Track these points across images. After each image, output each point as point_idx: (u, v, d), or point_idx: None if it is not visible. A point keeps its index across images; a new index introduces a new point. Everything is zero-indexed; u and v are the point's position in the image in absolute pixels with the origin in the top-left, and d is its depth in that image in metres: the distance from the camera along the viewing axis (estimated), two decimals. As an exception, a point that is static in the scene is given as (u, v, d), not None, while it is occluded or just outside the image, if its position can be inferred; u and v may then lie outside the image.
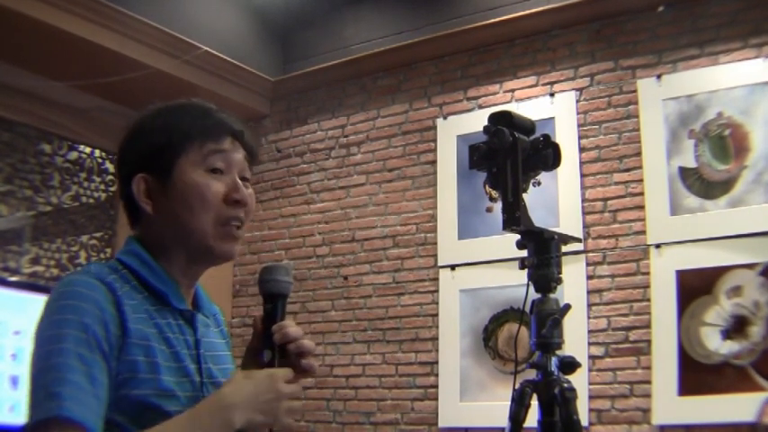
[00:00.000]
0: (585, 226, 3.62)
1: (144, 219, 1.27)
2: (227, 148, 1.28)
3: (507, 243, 2.08)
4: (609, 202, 3.60)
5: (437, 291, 3.97)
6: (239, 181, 1.28)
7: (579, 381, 1.92)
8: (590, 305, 3.54)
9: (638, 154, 3.56)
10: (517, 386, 1.86)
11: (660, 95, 3.55)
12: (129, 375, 1.12)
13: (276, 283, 1.20)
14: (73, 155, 4.53)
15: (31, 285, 3.70)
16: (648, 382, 3.35)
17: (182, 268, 1.27)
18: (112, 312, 1.13)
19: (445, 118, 4.12)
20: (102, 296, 1.14)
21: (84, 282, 1.15)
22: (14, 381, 3.05)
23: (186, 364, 1.21)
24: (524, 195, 1.86)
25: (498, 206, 1.89)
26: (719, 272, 3.29)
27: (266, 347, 1.17)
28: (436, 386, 3.87)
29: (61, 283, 1.17)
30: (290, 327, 1.21)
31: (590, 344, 3.49)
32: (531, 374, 1.85)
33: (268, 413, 1.14)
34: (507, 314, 3.75)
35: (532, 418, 1.85)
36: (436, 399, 3.86)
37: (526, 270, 1.86)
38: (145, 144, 1.27)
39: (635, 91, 3.62)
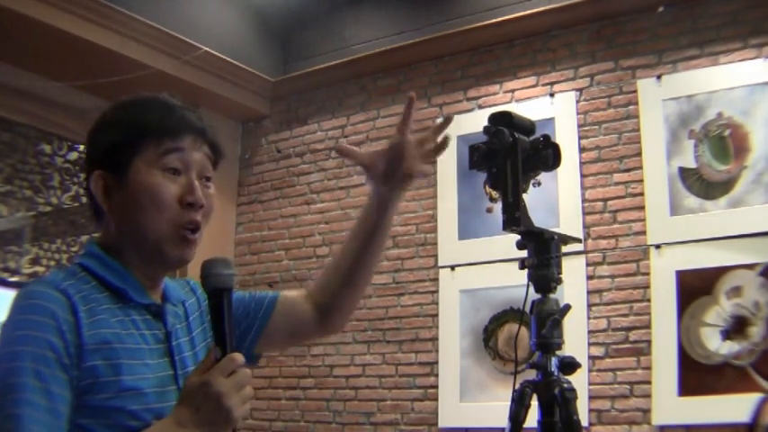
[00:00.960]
0: (585, 226, 3.62)
1: (104, 218, 1.25)
2: (185, 147, 1.23)
3: (507, 243, 2.08)
4: (609, 203, 3.60)
5: (437, 291, 3.97)
6: (195, 182, 1.23)
7: (579, 381, 1.92)
8: (590, 305, 3.53)
9: (638, 154, 3.56)
10: (517, 386, 1.86)
11: (660, 96, 3.55)
12: (91, 381, 1.11)
13: (220, 276, 1.15)
14: (73, 155, 4.54)
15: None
16: (648, 383, 3.35)
17: (139, 269, 1.23)
18: (69, 320, 1.11)
19: (445, 118, 4.11)
20: (58, 305, 1.11)
21: (39, 293, 1.13)
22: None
23: (153, 359, 1.19)
24: (524, 196, 1.86)
25: (498, 206, 1.89)
26: (719, 272, 3.29)
27: (216, 344, 1.12)
28: (436, 386, 3.87)
29: (18, 296, 1.14)
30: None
31: (590, 344, 3.49)
32: (531, 375, 1.85)
33: (218, 420, 1.08)
34: (507, 314, 3.74)
35: (532, 418, 1.85)
36: (436, 399, 3.86)
37: (526, 270, 1.86)
38: (103, 139, 1.24)
39: (635, 91, 3.61)
